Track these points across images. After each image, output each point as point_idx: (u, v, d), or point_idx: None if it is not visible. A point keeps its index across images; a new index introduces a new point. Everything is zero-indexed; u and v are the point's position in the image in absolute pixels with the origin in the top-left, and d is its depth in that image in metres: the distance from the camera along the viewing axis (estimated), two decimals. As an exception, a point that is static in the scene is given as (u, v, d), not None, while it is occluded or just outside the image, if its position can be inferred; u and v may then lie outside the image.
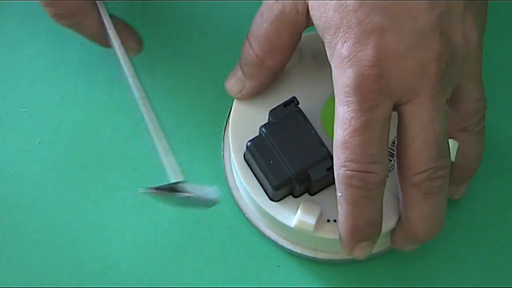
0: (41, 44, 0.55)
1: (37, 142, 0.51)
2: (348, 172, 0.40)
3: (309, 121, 0.45)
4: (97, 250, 0.48)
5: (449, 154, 0.42)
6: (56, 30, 0.53)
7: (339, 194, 0.41)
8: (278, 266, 0.47)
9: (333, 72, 0.41)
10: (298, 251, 0.46)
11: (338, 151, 0.41)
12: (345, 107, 0.40)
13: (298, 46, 0.46)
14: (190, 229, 0.49)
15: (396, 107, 0.41)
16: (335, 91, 0.41)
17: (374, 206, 0.42)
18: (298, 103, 0.45)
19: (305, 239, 0.46)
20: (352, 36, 0.40)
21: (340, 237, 0.43)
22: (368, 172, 0.40)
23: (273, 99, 0.46)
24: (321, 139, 0.44)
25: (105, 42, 0.48)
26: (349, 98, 0.40)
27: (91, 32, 0.48)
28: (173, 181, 0.43)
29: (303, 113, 0.45)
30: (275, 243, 0.47)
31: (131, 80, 0.46)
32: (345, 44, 0.40)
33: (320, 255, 0.46)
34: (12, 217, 0.49)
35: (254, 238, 0.48)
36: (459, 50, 0.41)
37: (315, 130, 0.44)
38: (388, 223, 0.44)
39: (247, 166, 0.46)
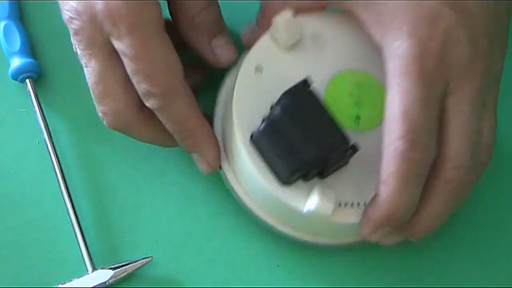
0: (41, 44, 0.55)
1: (37, 142, 0.51)
2: (409, 143, 0.39)
3: (323, 103, 0.43)
4: (97, 251, 0.48)
5: (482, 166, 0.42)
6: (57, 31, 0.53)
7: (391, 170, 0.40)
8: (278, 266, 0.47)
9: (387, 48, 0.41)
10: (298, 237, 0.45)
11: (397, 122, 0.39)
12: (403, 77, 0.40)
13: (299, 27, 0.45)
14: (190, 229, 0.49)
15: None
16: (389, 65, 0.41)
17: (418, 189, 0.40)
18: (311, 84, 0.43)
19: (312, 224, 0.45)
20: (417, 13, 0.41)
21: (369, 216, 0.42)
22: (428, 145, 0.39)
23: (277, 82, 0.44)
24: (336, 121, 0.42)
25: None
26: (409, 68, 0.40)
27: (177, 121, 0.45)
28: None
29: (316, 94, 0.42)
30: (273, 229, 0.46)
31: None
32: (406, 18, 0.41)
33: (321, 240, 0.46)
34: (12, 217, 0.49)
35: (254, 238, 0.48)
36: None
37: (329, 112, 0.42)
38: None
39: (255, 150, 0.44)
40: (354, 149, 0.42)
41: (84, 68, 0.44)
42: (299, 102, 0.42)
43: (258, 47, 0.46)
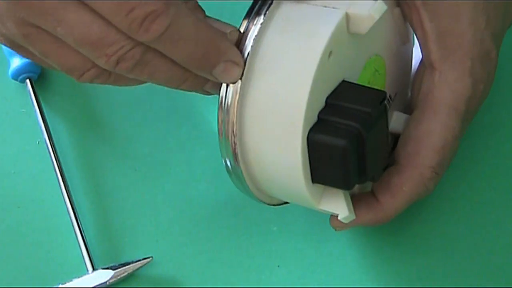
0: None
1: (37, 142, 0.51)
2: (434, 174, 0.42)
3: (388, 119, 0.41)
4: (97, 251, 0.48)
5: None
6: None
7: (407, 188, 0.42)
8: (278, 266, 0.47)
9: (443, 73, 0.42)
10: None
11: (433, 152, 0.41)
12: (452, 112, 0.41)
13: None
14: (190, 229, 0.49)
15: None
16: (439, 92, 0.42)
17: None
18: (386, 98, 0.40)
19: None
20: (477, 51, 0.42)
21: (359, 216, 0.42)
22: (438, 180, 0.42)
23: (334, 69, 0.39)
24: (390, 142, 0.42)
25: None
26: (459, 106, 0.41)
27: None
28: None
29: (387, 110, 0.40)
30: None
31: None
32: (470, 53, 0.41)
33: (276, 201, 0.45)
34: (12, 217, 0.49)
35: (254, 238, 0.48)
36: None
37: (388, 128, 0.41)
38: None
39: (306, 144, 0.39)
40: (388, 165, 0.43)
41: (58, 30, 0.35)
42: (378, 120, 0.39)
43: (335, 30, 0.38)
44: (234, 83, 0.38)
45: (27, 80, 0.53)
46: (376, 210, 0.43)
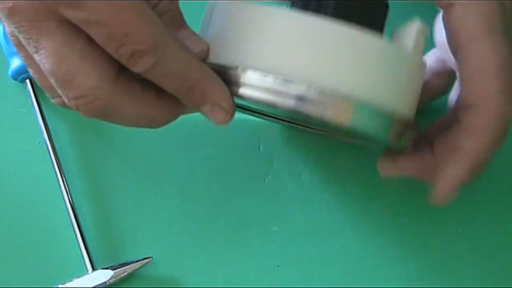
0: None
1: (37, 142, 0.51)
2: (509, 98, 0.39)
3: None
4: (97, 251, 0.48)
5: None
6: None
7: (486, 121, 0.39)
8: (278, 265, 0.47)
9: (462, 5, 0.40)
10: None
11: (495, 78, 0.39)
12: (491, 34, 0.39)
13: None
14: (190, 229, 0.49)
15: None
16: (469, 22, 0.40)
17: (502, 144, 0.41)
18: None
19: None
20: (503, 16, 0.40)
21: (450, 172, 0.41)
22: None
23: None
24: None
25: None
26: (495, 26, 0.39)
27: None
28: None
29: None
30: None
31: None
32: (500, 21, 0.40)
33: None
34: (12, 217, 0.49)
35: (254, 238, 0.48)
36: None
37: None
38: None
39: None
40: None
41: (35, 55, 0.36)
42: None
43: None
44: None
45: (27, 80, 0.53)
46: (462, 155, 0.40)
